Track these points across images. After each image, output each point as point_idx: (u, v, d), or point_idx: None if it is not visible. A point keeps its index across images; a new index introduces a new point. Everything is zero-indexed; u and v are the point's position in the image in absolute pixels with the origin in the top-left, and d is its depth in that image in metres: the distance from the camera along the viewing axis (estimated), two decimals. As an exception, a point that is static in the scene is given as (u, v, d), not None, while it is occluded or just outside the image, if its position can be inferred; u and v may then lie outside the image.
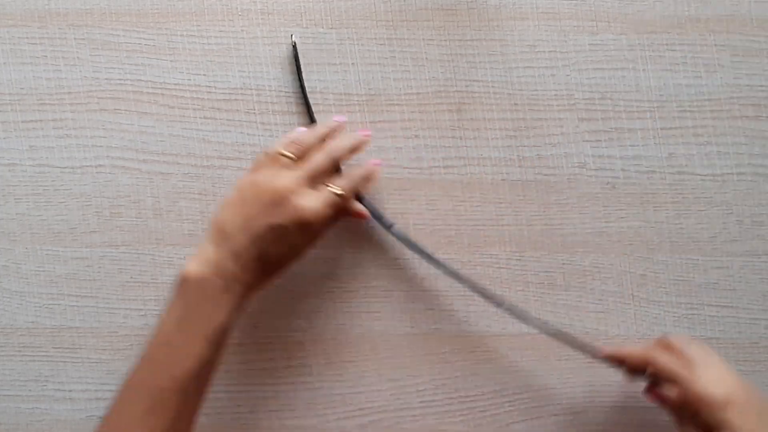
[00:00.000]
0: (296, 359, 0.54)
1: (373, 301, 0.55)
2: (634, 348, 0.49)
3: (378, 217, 0.52)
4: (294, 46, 0.53)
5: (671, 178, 0.55)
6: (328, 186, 0.48)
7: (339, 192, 0.48)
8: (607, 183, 0.55)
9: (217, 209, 0.47)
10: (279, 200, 0.45)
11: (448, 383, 0.54)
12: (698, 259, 0.55)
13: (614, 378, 0.54)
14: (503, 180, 0.55)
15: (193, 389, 0.44)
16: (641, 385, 0.50)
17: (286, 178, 0.46)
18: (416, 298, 0.54)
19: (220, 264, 0.45)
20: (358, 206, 0.50)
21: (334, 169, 0.49)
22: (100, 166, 0.55)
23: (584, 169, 0.55)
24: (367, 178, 0.50)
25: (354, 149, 0.51)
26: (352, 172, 0.50)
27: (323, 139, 0.50)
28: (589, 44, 0.55)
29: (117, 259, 0.55)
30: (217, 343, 0.44)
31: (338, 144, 0.50)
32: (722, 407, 0.44)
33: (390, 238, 0.54)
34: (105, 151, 0.55)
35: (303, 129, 0.50)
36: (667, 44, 0.55)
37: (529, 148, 0.55)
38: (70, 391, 0.54)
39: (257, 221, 0.45)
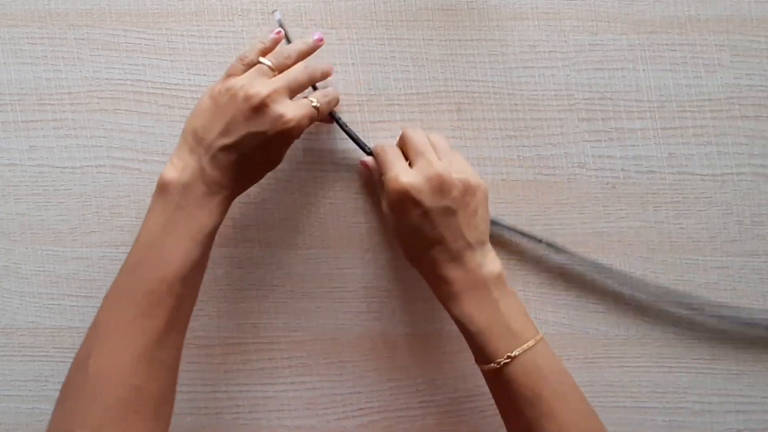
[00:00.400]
0: (296, 359, 0.54)
1: (373, 301, 0.55)
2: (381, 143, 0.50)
3: (356, 141, 0.52)
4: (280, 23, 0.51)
5: (671, 178, 0.55)
6: (307, 98, 0.48)
7: (317, 105, 0.48)
8: (607, 183, 0.55)
9: (190, 115, 0.46)
10: (259, 107, 0.44)
11: (448, 383, 0.54)
12: (698, 259, 0.55)
13: (614, 378, 0.54)
14: (503, 180, 0.55)
15: (183, 291, 0.43)
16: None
17: (265, 85, 0.45)
18: (416, 298, 0.54)
19: (201, 169, 0.44)
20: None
21: (309, 85, 0.49)
22: (100, 166, 0.55)
23: (584, 169, 0.55)
24: (336, 97, 0.51)
25: (328, 73, 0.51)
26: (325, 89, 0.51)
27: (300, 56, 0.49)
28: (589, 44, 0.55)
29: (117, 259, 0.55)
30: (204, 244, 0.44)
31: (318, 65, 0.50)
32: (393, 197, 0.46)
33: (389, 237, 0.54)
34: (105, 151, 0.55)
35: (275, 37, 0.50)
36: (667, 44, 0.55)
37: (529, 148, 0.55)
38: (70, 391, 0.54)
39: (236, 127, 0.44)
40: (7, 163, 0.55)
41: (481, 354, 0.45)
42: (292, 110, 0.46)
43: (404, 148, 0.49)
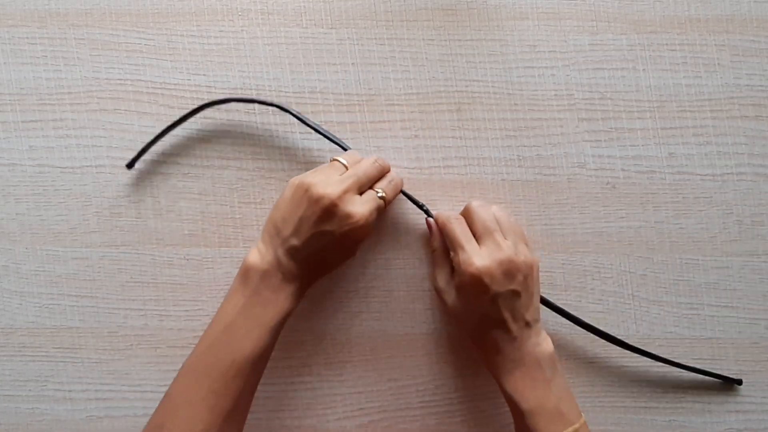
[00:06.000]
0: (296, 359, 0.54)
1: (373, 301, 0.55)
2: (446, 214, 0.51)
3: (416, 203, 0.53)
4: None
5: (671, 178, 0.55)
6: (372, 189, 0.49)
7: (383, 195, 0.49)
8: (607, 183, 0.55)
9: (275, 204, 0.48)
10: (329, 206, 0.46)
11: (448, 383, 0.54)
12: (698, 259, 0.55)
13: (614, 378, 0.54)
14: (503, 180, 0.55)
15: (251, 374, 0.46)
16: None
17: (335, 184, 0.47)
18: (416, 298, 0.54)
19: (277, 259, 0.47)
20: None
21: (379, 178, 0.51)
22: (100, 166, 0.55)
23: (584, 169, 0.55)
24: (401, 180, 0.52)
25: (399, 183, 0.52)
26: (389, 174, 0.51)
27: (373, 163, 0.51)
28: (589, 44, 0.55)
29: (117, 259, 0.55)
30: (275, 331, 0.47)
31: (386, 163, 0.51)
32: (472, 276, 0.47)
33: (388, 238, 0.54)
34: (105, 151, 0.55)
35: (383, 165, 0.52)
36: (667, 44, 0.55)
37: (529, 148, 0.55)
38: (70, 391, 0.54)
39: (308, 225, 0.46)
40: (7, 163, 0.55)
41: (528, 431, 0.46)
42: (360, 208, 0.47)
43: (470, 223, 0.50)
